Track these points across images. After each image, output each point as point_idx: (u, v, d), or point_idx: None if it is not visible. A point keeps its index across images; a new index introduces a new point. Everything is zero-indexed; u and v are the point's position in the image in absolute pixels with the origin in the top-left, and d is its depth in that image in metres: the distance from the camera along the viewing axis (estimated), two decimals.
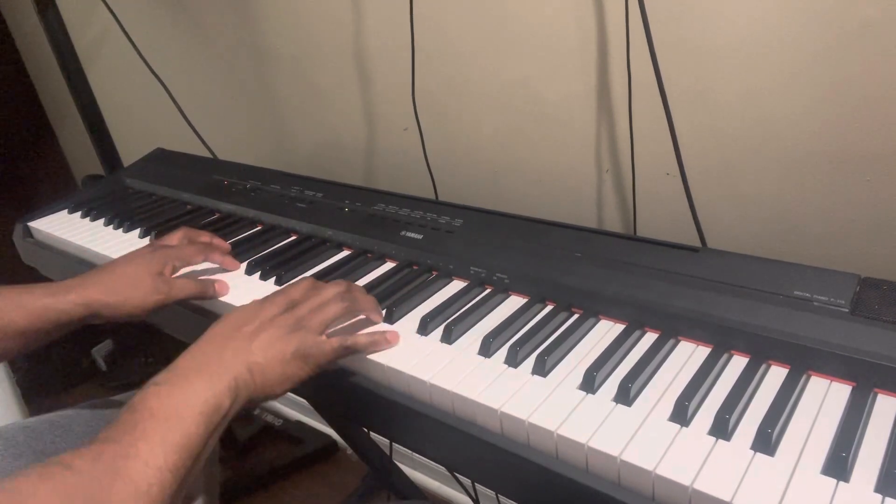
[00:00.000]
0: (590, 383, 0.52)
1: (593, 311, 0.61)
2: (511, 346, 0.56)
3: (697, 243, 0.76)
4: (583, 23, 0.79)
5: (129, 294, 0.66)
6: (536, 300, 0.64)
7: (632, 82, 0.77)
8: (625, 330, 0.58)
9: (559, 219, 0.72)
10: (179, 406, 0.47)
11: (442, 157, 1.01)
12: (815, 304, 0.53)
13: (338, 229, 0.81)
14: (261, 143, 1.32)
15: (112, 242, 0.90)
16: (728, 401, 0.48)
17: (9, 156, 1.79)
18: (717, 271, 0.59)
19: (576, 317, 0.61)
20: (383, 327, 0.63)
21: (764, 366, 0.52)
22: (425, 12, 0.92)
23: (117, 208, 1.00)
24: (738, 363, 0.53)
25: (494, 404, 0.51)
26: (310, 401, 1.24)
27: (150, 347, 1.81)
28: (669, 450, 0.45)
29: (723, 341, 0.54)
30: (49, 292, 0.65)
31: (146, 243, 0.87)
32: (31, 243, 1.01)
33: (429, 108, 0.99)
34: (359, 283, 0.72)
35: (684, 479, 0.42)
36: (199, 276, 0.76)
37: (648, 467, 0.44)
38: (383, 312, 0.64)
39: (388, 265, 0.75)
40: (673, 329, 0.57)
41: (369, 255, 0.78)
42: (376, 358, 0.58)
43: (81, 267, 0.89)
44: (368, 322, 0.63)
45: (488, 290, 0.67)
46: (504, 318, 0.61)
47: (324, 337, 0.57)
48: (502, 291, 0.66)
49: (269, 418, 1.63)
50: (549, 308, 0.63)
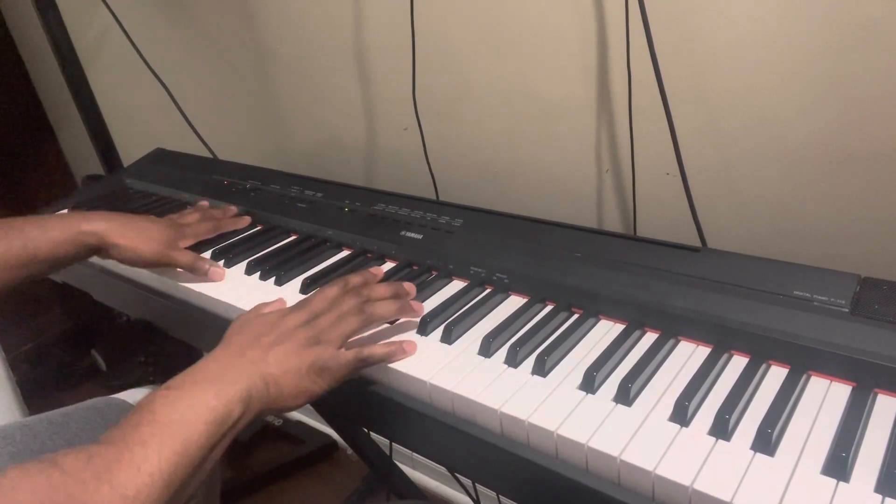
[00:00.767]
0: (590, 383, 0.52)
1: (593, 311, 0.61)
2: (511, 347, 0.56)
3: (697, 243, 0.76)
4: (583, 23, 0.79)
5: (138, 243, 0.74)
6: (536, 300, 0.64)
7: (632, 82, 0.77)
8: (625, 330, 0.58)
9: (559, 219, 0.72)
10: (184, 413, 0.47)
11: (442, 156, 1.01)
12: (815, 304, 0.53)
13: (338, 229, 0.81)
14: (261, 142, 1.32)
15: None
16: (728, 401, 0.48)
17: (9, 156, 1.79)
18: (717, 271, 0.59)
19: (576, 317, 0.61)
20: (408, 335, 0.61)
21: (764, 366, 0.52)
22: (426, 12, 0.92)
23: (117, 208, 1.00)
24: (738, 363, 0.53)
25: (494, 404, 0.51)
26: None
27: (150, 347, 1.81)
28: (669, 450, 0.45)
29: (723, 341, 0.54)
30: (73, 222, 0.73)
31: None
32: None
33: (429, 108, 0.99)
34: None
35: (684, 479, 0.42)
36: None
37: (648, 467, 0.44)
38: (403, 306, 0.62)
39: (388, 265, 0.75)
40: (673, 329, 0.57)
41: (369, 255, 0.78)
42: None
43: (81, 267, 0.89)
44: (394, 329, 0.63)
45: (488, 290, 0.67)
46: (504, 319, 0.61)
47: (342, 350, 0.56)
48: (502, 291, 0.66)
49: (270, 418, 1.63)
50: (549, 308, 0.63)
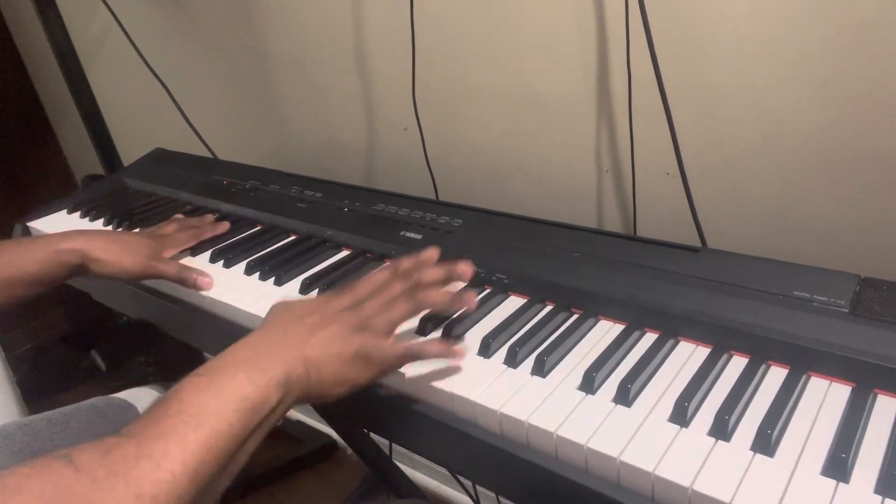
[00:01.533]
0: (589, 384, 0.51)
1: (593, 312, 0.61)
2: (510, 347, 0.56)
3: (697, 243, 0.76)
4: (583, 23, 0.79)
5: (122, 257, 0.73)
6: (536, 300, 0.64)
7: (632, 82, 0.77)
8: (624, 330, 0.58)
9: (559, 219, 0.72)
10: (212, 401, 0.43)
11: (442, 156, 1.01)
12: (815, 304, 0.53)
13: (338, 229, 0.81)
14: (261, 142, 1.31)
15: None
16: (728, 401, 0.48)
17: (9, 156, 1.79)
18: (717, 271, 0.59)
19: (575, 317, 0.61)
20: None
21: (764, 366, 0.52)
22: (425, 12, 0.92)
23: (117, 208, 1.00)
24: (738, 363, 0.53)
25: (494, 405, 0.51)
26: None
27: (150, 347, 1.81)
28: (669, 450, 0.45)
29: (722, 341, 0.54)
30: (52, 241, 0.73)
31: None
32: None
33: (429, 108, 0.99)
34: None
35: (684, 479, 0.42)
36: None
37: (648, 468, 0.43)
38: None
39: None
40: (673, 329, 0.57)
41: (369, 255, 0.78)
42: None
43: None
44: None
45: (488, 290, 0.67)
46: (504, 319, 0.61)
47: (390, 340, 0.53)
48: (502, 291, 0.66)
49: None
50: (548, 308, 0.63)
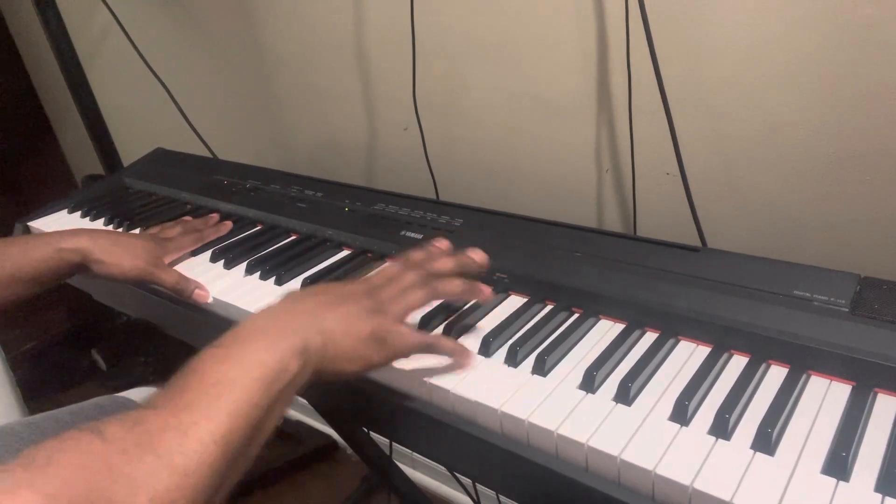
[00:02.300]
0: (590, 383, 0.52)
1: (593, 311, 0.61)
2: (511, 346, 0.56)
3: (697, 243, 0.76)
4: (583, 23, 0.79)
5: (122, 260, 0.73)
6: (536, 300, 0.64)
7: (632, 82, 0.77)
8: (625, 329, 0.58)
9: (559, 219, 0.72)
10: (233, 370, 0.43)
11: (442, 156, 1.01)
12: (815, 303, 0.53)
13: (338, 229, 0.81)
14: (261, 142, 1.32)
15: None
16: (728, 400, 0.48)
17: (9, 156, 1.79)
18: (717, 271, 0.59)
19: (576, 316, 0.61)
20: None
21: (764, 365, 0.52)
22: (426, 12, 0.92)
23: (117, 208, 1.00)
24: (738, 363, 0.53)
25: (494, 404, 0.51)
26: (310, 401, 1.24)
27: (150, 347, 1.81)
28: (669, 449, 0.45)
29: (723, 341, 0.54)
30: (52, 239, 0.72)
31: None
32: None
33: (429, 108, 0.99)
34: None
35: (684, 478, 0.42)
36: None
37: (648, 467, 0.44)
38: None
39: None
40: (673, 329, 0.57)
41: (369, 254, 0.78)
42: None
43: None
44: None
45: None
46: (504, 318, 0.61)
47: (405, 327, 0.53)
48: (502, 291, 0.66)
49: None
50: (549, 308, 0.63)
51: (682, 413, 0.47)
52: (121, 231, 0.83)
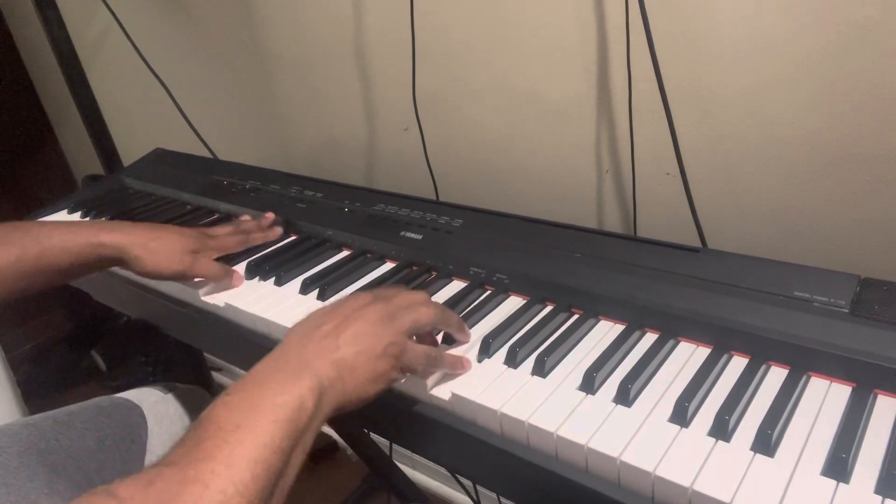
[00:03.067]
0: (589, 384, 0.51)
1: (593, 312, 0.61)
2: (511, 347, 0.56)
3: (697, 243, 0.76)
4: (583, 23, 0.79)
5: (159, 257, 0.71)
6: (536, 300, 0.64)
7: (632, 82, 0.77)
8: (625, 330, 0.58)
9: (559, 219, 0.72)
10: (248, 416, 0.42)
11: (442, 156, 1.01)
12: (815, 304, 0.53)
13: (338, 229, 0.81)
14: (261, 143, 1.32)
15: None
16: (728, 402, 0.48)
17: (9, 156, 1.79)
18: (717, 272, 0.59)
19: (576, 317, 0.61)
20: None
21: (764, 366, 0.52)
22: (426, 12, 0.92)
23: (117, 208, 1.00)
24: (738, 364, 0.53)
25: (494, 405, 0.51)
26: None
27: (150, 347, 1.81)
28: (669, 451, 0.45)
29: (723, 342, 0.54)
30: (93, 230, 0.71)
31: None
32: None
33: (429, 108, 0.99)
34: (359, 283, 0.72)
35: (684, 480, 0.42)
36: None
37: (648, 468, 0.43)
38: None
39: (388, 265, 0.75)
40: (673, 329, 0.57)
41: (369, 255, 0.78)
42: None
43: None
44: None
45: (488, 291, 0.67)
46: (504, 319, 0.61)
47: (412, 340, 0.53)
48: (502, 292, 0.66)
49: None
50: (548, 308, 0.63)
51: (682, 414, 0.47)
52: (162, 224, 0.81)
